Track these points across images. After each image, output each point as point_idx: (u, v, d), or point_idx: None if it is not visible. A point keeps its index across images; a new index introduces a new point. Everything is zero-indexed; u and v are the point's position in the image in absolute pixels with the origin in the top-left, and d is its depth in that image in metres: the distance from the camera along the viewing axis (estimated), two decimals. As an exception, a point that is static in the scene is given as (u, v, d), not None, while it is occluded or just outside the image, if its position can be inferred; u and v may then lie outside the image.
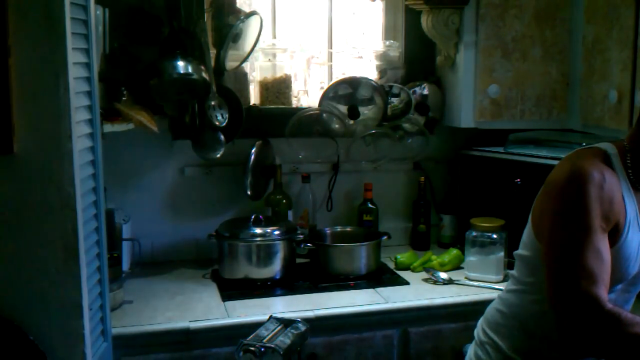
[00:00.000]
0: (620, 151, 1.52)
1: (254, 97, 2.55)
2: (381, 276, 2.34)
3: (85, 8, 1.54)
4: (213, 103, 2.25)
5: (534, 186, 1.61)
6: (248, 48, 2.41)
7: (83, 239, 1.49)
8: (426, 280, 2.31)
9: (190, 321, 1.94)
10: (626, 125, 2.10)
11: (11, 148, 1.41)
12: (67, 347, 1.49)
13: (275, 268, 2.26)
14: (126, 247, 2.28)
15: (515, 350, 1.61)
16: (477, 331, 1.74)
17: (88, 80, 1.57)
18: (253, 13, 2.38)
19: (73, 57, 1.45)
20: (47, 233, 1.45)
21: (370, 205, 2.60)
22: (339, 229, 2.53)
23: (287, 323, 1.45)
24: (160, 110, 2.24)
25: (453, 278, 2.29)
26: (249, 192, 2.44)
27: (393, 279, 2.33)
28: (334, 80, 2.59)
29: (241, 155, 2.44)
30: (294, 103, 2.59)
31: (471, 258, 2.31)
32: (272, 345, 1.34)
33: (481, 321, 1.75)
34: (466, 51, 2.46)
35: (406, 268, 2.41)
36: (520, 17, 2.43)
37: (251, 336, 1.38)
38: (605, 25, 2.22)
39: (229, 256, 2.26)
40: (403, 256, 2.44)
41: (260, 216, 2.30)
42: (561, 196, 1.45)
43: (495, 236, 2.27)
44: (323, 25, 2.70)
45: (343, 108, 2.52)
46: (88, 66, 1.56)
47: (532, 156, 2.35)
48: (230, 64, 2.39)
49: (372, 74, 2.64)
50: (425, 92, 2.62)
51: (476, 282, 2.27)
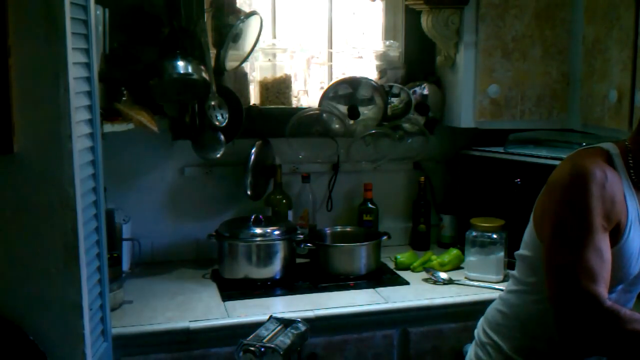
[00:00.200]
0: (622, 151, 1.52)
1: (254, 97, 2.55)
2: (381, 276, 2.34)
3: (85, 8, 1.54)
4: (213, 103, 2.25)
5: (534, 186, 1.61)
6: (248, 48, 2.41)
7: (83, 239, 1.49)
8: (426, 280, 2.31)
9: (190, 321, 1.94)
10: (626, 125, 2.10)
11: (11, 148, 1.41)
12: (67, 347, 1.48)
13: (275, 268, 2.26)
14: (126, 247, 2.28)
15: (516, 350, 1.61)
16: (478, 331, 1.74)
17: (88, 80, 1.57)
18: (253, 13, 2.38)
19: (73, 57, 1.44)
20: (47, 233, 1.45)
21: (370, 205, 2.60)
22: (339, 229, 2.53)
23: (287, 323, 1.45)
24: (160, 110, 2.25)
25: (453, 278, 2.29)
26: (249, 192, 2.44)
27: (393, 279, 2.33)
28: (334, 80, 2.59)
29: (241, 155, 2.43)
30: (294, 103, 2.59)
31: (471, 258, 2.31)
32: (272, 345, 1.34)
33: (482, 321, 1.74)
34: (466, 51, 2.46)
35: (406, 268, 2.41)
36: (520, 17, 2.43)
37: (251, 336, 1.38)
38: (605, 25, 2.22)
39: (229, 256, 2.26)
40: (403, 256, 2.44)
41: (260, 216, 2.30)
42: (563, 195, 1.45)
43: (495, 236, 2.27)
44: (323, 25, 2.70)
45: (343, 108, 2.52)
46: (88, 66, 1.56)
47: (532, 156, 2.35)
48: (230, 64, 2.39)
49: (372, 74, 2.64)
50: (425, 92, 2.62)
51: (476, 282, 2.27)
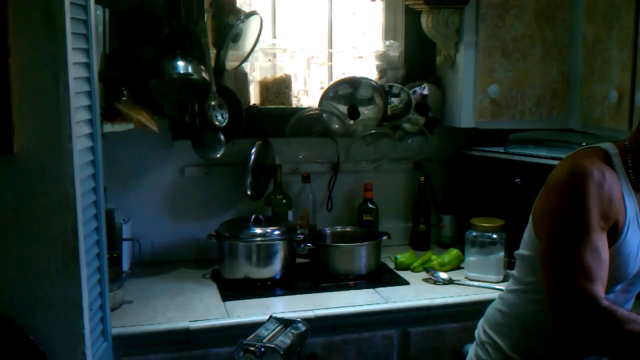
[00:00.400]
0: (620, 151, 1.52)
1: (254, 97, 2.55)
2: (381, 276, 2.34)
3: (85, 8, 1.54)
4: (213, 103, 2.25)
5: (534, 186, 1.61)
6: (248, 48, 2.41)
7: (83, 239, 1.49)
8: (426, 280, 2.31)
9: (190, 321, 1.94)
10: (626, 125, 2.10)
11: (11, 148, 1.41)
12: (67, 347, 1.49)
13: (275, 268, 2.26)
14: (126, 247, 2.28)
15: (515, 350, 1.61)
16: (478, 331, 1.75)
17: (88, 80, 1.57)
18: (253, 13, 2.38)
19: (73, 57, 1.45)
20: (47, 233, 1.45)
21: (370, 205, 2.60)
22: (339, 229, 2.53)
23: (287, 323, 1.45)
24: (160, 110, 2.24)
25: (453, 278, 2.29)
26: (249, 192, 2.44)
27: (393, 279, 2.33)
28: (334, 80, 2.58)
29: (241, 155, 2.43)
30: (294, 103, 2.59)
31: (471, 258, 2.31)
32: (272, 345, 1.34)
33: (482, 321, 1.75)
34: (466, 51, 2.46)
35: (406, 268, 2.41)
36: (520, 17, 2.43)
37: (251, 336, 1.38)
38: (605, 25, 2.22)
39: (229, 256, 2.26)
40: (403, 256, 2.44)
41: (260, 216, 2.30)
42: (561, 194, 1.46)
43: (495, 236, 2.27)
44: (323, 25, 2.70)
45: (343, 108, 2.52)
46: (88, 66, 1.56)
47: (532, 156, 2.35)
48: (230, 64, 2.39)
49: (372, 74, 2.64)
50: (425, 92, 2.62)
51: (476, 282, 2.27)
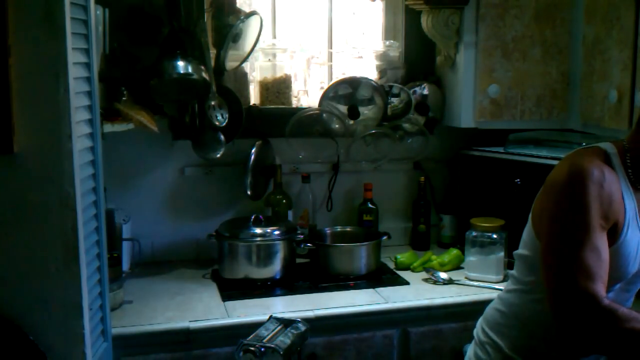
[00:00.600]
0: (620, 151, 1.52)
1: (254, 97, 2.55)
2: (381, 276, 2.34)
3: (85, 8, 1.54)
4: (213, 103, 2.25)
5: (534, 186, 1.61)
6: (248, 48, 2.41)
7: (83, 239, 1.49)
8: (426, 280, 2.31)
9: (190, 321, 1.93)
10: (626, 125, 2.10)
11: (11, 148, 1.41)
12: (67, 347, 1.48)
13: (275, 268, 2.26)
14: (126, 247, 2.28)
15: (515, 349, 1.61)
16: (477, 331, 1.74)
17: (88, 80, 1.57)
18: (253, 13, 2.38)
19: (73, 57, 1.44)
20: (47, 233, 1.45)
21: (370, 205, 2.60)
22: (339, 229, 2.53)
23: (287, 323, 1.45)
24: (160, 110, 2.24)
25: (453, 278, 2.29)
26: (249, 192, 2.44)
27: (393, 279, 2.33)
28: (334, 80, 2.58)
29: (241, 155, 2.44)
30: (294, 103, 2.59)
31: (471, 258, 2.31)
32: (272, 345, 1.34)
33: (481, 321, 1.75)
34: (466, 51, 2.46)
35: (406, 268, 2.41)
36: (520, 17, 2.43)
37: (251, 336, 1.38)
38: (605, 25, 2.22)
39: (229, 256, 2.26)
40: (403, 256, 2.44)
41: (260, 216, 2.30)
42: (561, 194, 1.46)
43: (495, 236, 2.27)
44: (323, 25, 2.70)
45: (343, 108, 2.52)
46: (88, 66, 1.56)
47: (532, 156, 2.35)
48: (230, 64, 2.39)
49: (372, 74, 2.64)
50: (425, 92, 2.62)
51: (476, 282, 2.27)
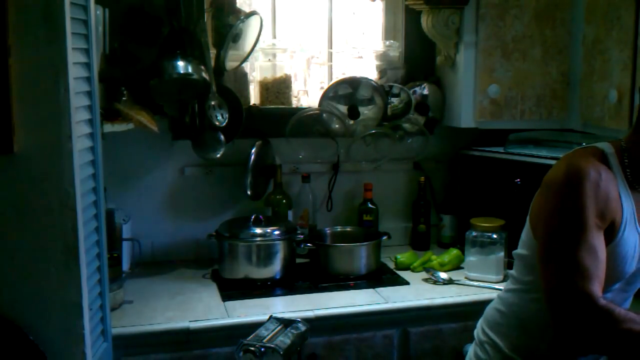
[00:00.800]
0: (617, 150, 1.52)
1: (254, 97, 2.55)
2: (381, 276, 2.34)
3: (85, 8, 1.54)
4: (213, 103, 2.25)
5: (534, 186, 1.61)
6: (248, 48, 2.41)
7: (83, 239, 1.49)
8: (426, 280, 2.31)
9: (190, 321, 1.93)
10: (626, 125, 2.10)
11: (11, 148, 1.41)
12: (67, 347, 1.49)
13: (275, 268, 2.26)
14: (126, 247, 2.28)
15: (514, 349, 1.61)
16: (477, 331, 1.75)
17: (88, 80, 1.57)
18: (253, 13, 2.38)
19: (73, 57, 1.45)
20: (47, 233, 1.45)
21: (370, 205, 2.60)
22: (339, 229, 2.53)
23: (287, 323, 1.45)
24: (160, 110, 2.24)
25: (453, 278, 2.29)
26: (249, 192, 2.44)
27: (393, 279, 2.33)
28: (334, 80, 2.59)
29: (241, 155, 2.43)
30: (294, 103, 2.59)
31: (471, 258, 2.31)
32: (272, 345, 1.34)
33: (480, 321, 1.75)
34: (466, 51, 2.46)
35: (406, 268, 2.41)
36: (520, 17, 2.43)
37: (251, 336, 1.38)
38: (605, 25, 2.22)
39: (229, 256, 2.26)
40: (403, 256, 2.44)
41: (260, 216, 2.30)
42: (558, 193, 1.46)
43: (495, 236, 2.27)
44: (323, 25, 2.70)
45: (343, 108, 2.52)
46: (88, 66, 1.56)
47: (532, 156, 2.35)
48: (230, 64, 2.39)
49: (372, 74, 2.64)
50: (425, 92, 2.62)
51: (476, 282, 2.27)
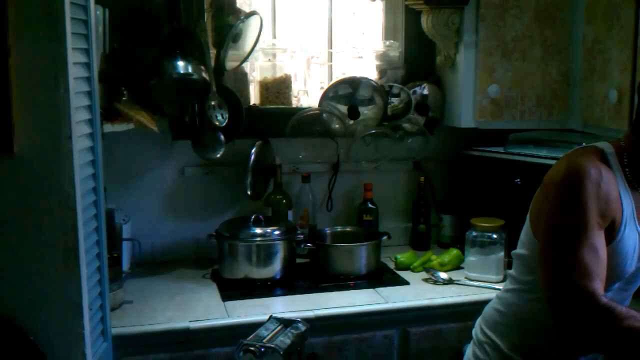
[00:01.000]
0: (617, 150, 1.52)
1: (254, 97, 2.55)
2: (381, 276, 2.34)
3: (85, 8, 1.54)
4: (213, 103, 2.25)
5: (534, 186, 1.61)
6: (248, 48, 2.41)
7: (83, 239, 1.49)
8: (426, 280, 2.31)
9: (190, 321, 1.94)
10: (626, 125, 2.09)
11: (11, 148, 1.41)
12: (67, 347, 1.49)
13: (275, 268, 2.26)
14: (126, 247, 2.28)
15: (513, 349, 1.61)
16: (475, 331, 1.74)
17: (88, 80, 1.57)
18: (253, 13, 2.38)
19: (73, 57, 1.45)
20: (47, 233, 1.45)
21: (370, 205, 2.60)
22: (339, 229, 2.53)
23: (287, 323, 1.45)
24: (160, 110, 2.24)
25: (453, 278, 2.29)
26: (249, 192, 2.44)
27: (393, 279, 2.33)
28: (334, 80, 2.59)
29: (241, 155, 2.43)
30: (294, 103, 2.59)
31: (471, 258, 2.31)
32: (272, 345, 1.34)
33: (479, 321, 1.75)
34: (466, 51, 2.46)
35: (406, 268, 2.41)
36: (520, 17, 2.43)
37: (251, 336, 1.38)
38: (605, 25, 2.22)
39: (229, 256, 2.26)
40: (403, 256, 2.44)
41: (260, 216, 2.30)
42: (558, 193, 1.46)
43: (495, 236, 2.27)
44: (323, 25, 2.70)
45: (343, 108, 2.52)
46: (88, 66, 1.56)
47: (532, 156, 2.35)
48: (230, 64, 2.39)
49: (372, 74, 2.64)
50: (425, 92, 2.62)
51: (476, 282, 2.27)
